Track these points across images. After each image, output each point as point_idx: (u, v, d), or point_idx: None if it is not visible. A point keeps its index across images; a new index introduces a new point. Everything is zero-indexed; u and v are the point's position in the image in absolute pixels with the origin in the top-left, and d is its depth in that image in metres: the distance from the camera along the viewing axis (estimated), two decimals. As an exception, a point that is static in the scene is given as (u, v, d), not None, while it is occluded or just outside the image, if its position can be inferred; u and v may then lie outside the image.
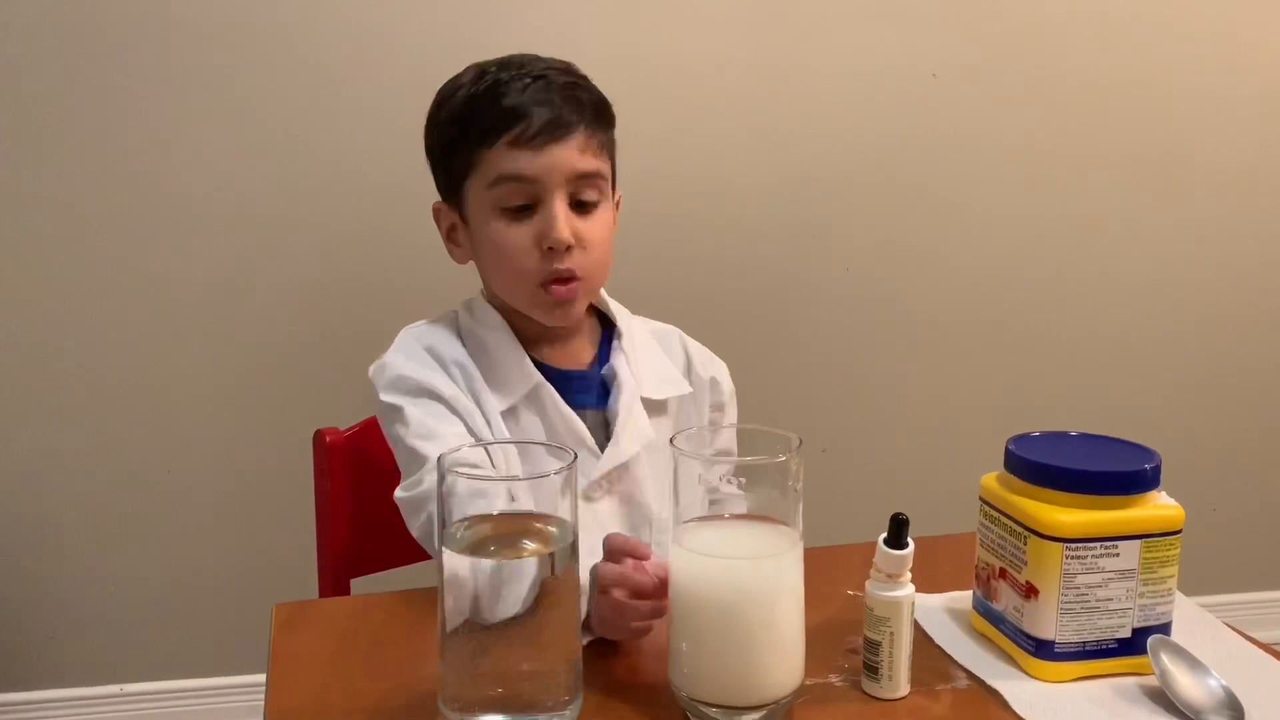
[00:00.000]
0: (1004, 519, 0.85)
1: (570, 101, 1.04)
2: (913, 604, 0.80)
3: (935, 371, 1.99)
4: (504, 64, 1.06)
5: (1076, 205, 1.98)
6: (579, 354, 1.14)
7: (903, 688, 0.81)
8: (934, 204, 1.93)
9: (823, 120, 1.86)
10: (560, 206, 1.04)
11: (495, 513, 0.76)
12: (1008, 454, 0.87)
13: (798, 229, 1.89)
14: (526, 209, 1.05)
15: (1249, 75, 1.99)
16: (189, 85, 1.67)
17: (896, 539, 0.80)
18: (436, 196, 1.14)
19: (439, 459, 0.74)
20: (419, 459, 1.00)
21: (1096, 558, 0.81)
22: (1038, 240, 1.98)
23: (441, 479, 0.73)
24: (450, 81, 1.10)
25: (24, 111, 1.64)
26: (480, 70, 1.07)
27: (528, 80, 1.04)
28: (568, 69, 1.08)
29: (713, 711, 0.76)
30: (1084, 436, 0.89)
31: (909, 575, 0.80)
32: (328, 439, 1.22)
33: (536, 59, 1.08)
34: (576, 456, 0.74)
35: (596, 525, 1.05)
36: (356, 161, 1.73)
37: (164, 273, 1.72)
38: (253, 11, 1.66)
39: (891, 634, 0.80)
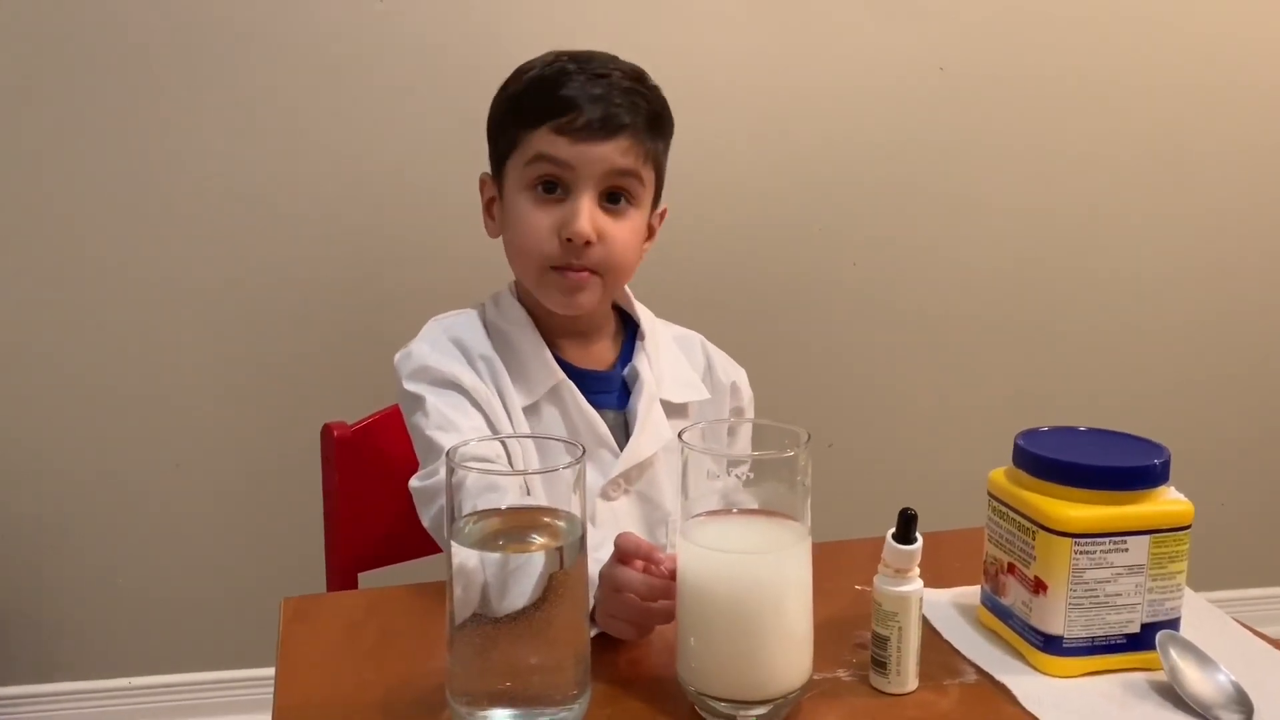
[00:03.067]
0: (1012, 514, 0.85)
1: (626, 105, 1.04)
2: (920, 599, 0.80)
3: (943, 366, 1.99)
4: (576, 56, 1.07)
5: (1085, 199, 1.98)
6: (601, 354, 1.14)
7: (911, 683, 0.81)
8: (941, 198, 1.93)
9: (828, 113, 1.86)
10: (588, 201, 1.03)
11: (504, 507, 0.76)
12: (1016, 449, 0.86)
13: (803, 223, 1.89)
14: (556, 193, 1.05)
15: (1261, 72, 1.98)
16: (198, 82, 1.67)
17: (905, 534, 0.80)
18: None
19: (448, 453, 0.74)
20: (436, 450, 1.01)
21: (1105, 553, 0.80)
22: (1046, 234, 1.98)
23: (451, 472, 0.73)
24: (527, 62, 1.09)
25: (29, 109, 1.64)
26: (555, 56, 1.07)
27: (591, 76, 1.04)
28: (637, 75, 1.08)
29: (721, 705, 0.76)
30: (1093, 431, 0.89)
31: (917, 570, 0.80)
32: (335, 433, 1.22)
33: (610, 59, 1.08)
34: (585, 451, 0.74)
35: (614, 523, 1.06)
36: (366, 159, 1.73)
37: (171, 269, 1.72)
38: (263, 8, 1.67)
39: (900, 629, 0.80)
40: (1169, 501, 0.82)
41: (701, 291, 1.81)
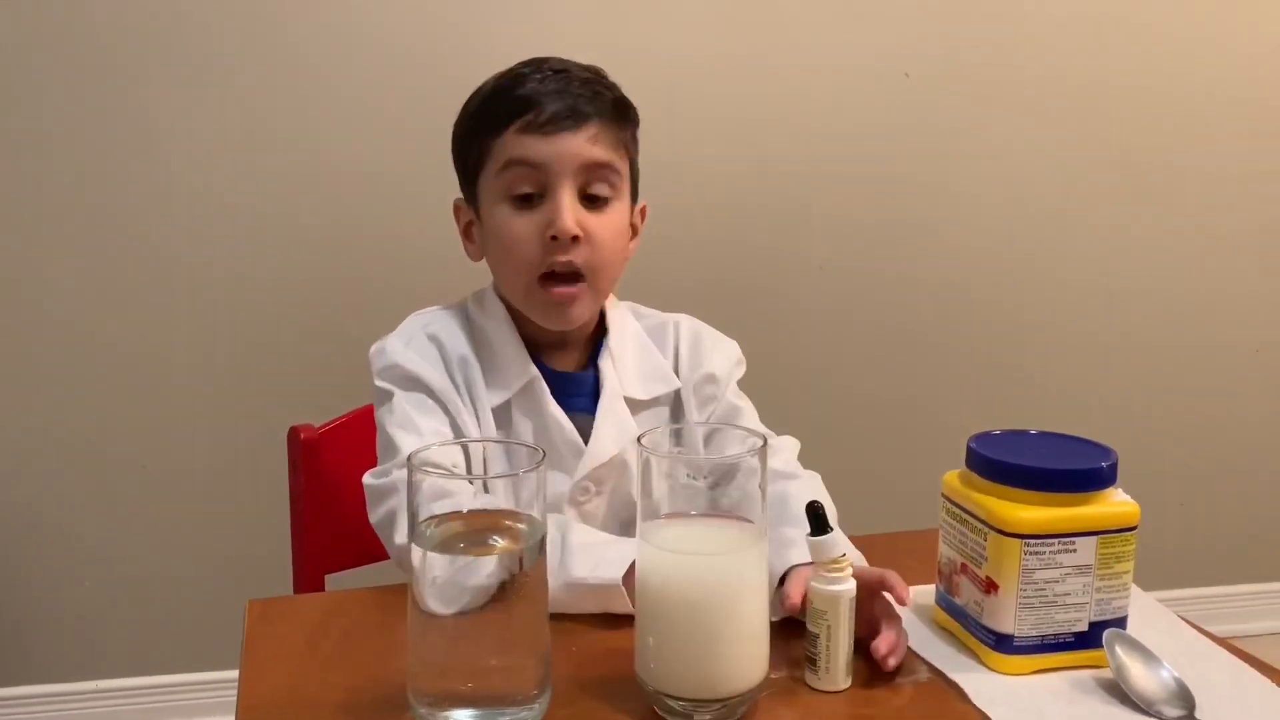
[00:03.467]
0: (965, 515, 0.87)
1: (587, 95, 1.04)
2: (851, 599, 0.81)
3: (903, 369, 2.01)
4: (529, 61, 1.07)
5: (1045, 205, 2.01)
6: (577, 356, 1.13)
7: (842, 681, 0.82)
8: (906, 204, 1.95)
9: (796, 120, 1.88)
10: (567, 196, 1.02)
11: (465, 510, 0.77)
12: (969, 451, 0.88)
13: (770, 227, 1.90)
14: (534, 198, 1.04)
15: (1218, 75, 2.01)
16: (167, 81, 1.67)
17: (816, 528, 0.82)
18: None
19: (409, 457, 0.75)
20: (393, 449, 1.01)
21: (1054, 553, 0.82)
22: (1008, 240, 2.00)
23: (411, 475, 0.74)
24: (482, 83, 1.09)
25: (7, 105, 1.63)
26: (508, 69, 1.08)
27: (548, 73, 1.04)
28: (594, 70, 1.08)
29: (678, 705, 0.77)
30: (1043, 435, 0.91)
31: (849, 570, 0.82)
32: (302, 435, 1.23)
33: (565, 60, 1.08)
34: (545, 455, 0.75)
35: (587, 524, 1.05)
36: (338, 160, 1.73)
37: (139, 270, 1.71)
38: (247, 8, 1.67)
39: (829, 627, 0.81)
40: (1116, 503, 0.84)
41: (665, 291, 1.81)
